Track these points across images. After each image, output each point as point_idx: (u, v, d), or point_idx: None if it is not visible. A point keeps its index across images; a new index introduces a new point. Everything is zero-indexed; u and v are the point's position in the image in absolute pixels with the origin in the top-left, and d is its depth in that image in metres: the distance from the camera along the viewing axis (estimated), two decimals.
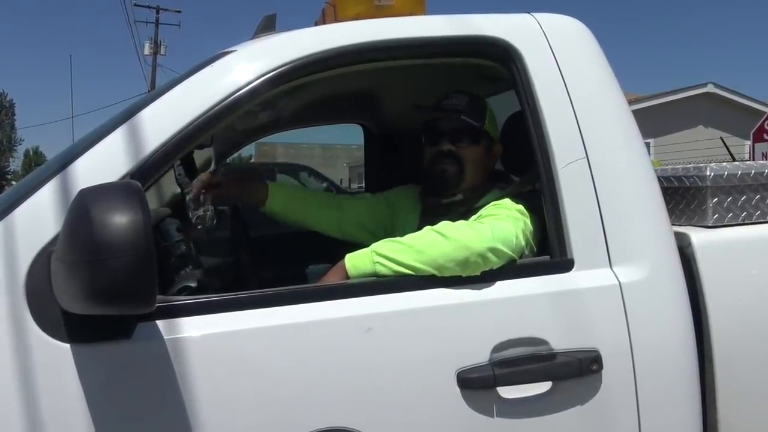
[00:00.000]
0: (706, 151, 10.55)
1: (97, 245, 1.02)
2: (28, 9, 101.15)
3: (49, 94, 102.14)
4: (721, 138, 5.17)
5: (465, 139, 1.74)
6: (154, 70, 25.77)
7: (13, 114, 42.38)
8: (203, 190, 1.68)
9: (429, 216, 1.71)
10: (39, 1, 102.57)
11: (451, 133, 1.74)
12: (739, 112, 15.93)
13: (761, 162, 1.70)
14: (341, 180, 17.77)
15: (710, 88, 16.71)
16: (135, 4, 25.08)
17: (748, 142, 10.18)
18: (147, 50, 26.07)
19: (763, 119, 9.80)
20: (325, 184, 12.19)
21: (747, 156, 10.34)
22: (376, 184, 2.72)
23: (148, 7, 26.33)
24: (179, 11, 27.80)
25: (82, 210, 1.05)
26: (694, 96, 16.58)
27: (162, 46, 26.55)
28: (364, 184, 3.06)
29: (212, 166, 2.57)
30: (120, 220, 1.03)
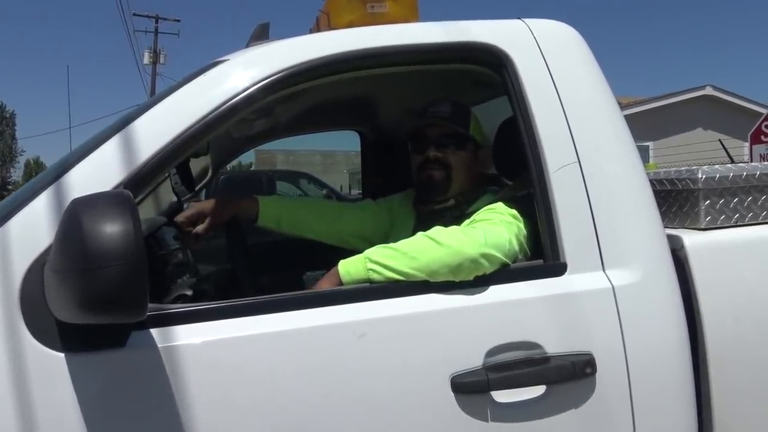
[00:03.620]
0: (704, 154, 10.55)
1: (88, 254, 1.03)
2: (28, 20, 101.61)
3: (50, 105, 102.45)
4: (719, 140, 5.16)
5: (451, 145, 1.77)
6: (154, 79, 25.84)
7: (14, 125, 42.54)
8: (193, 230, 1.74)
9: (423, 222, 1.72)
10: (39, 12, 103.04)
11: (436, 139, 1.77)
12: (738, 114, 15.92)
13: (753, 164, 1.70)
14: (341, 186, 17.79)
15: (709, 91, 16.71)
16: (134, 14, 25.17)
17: (747, 144, 10.17)
18: (146, 59, 26.11)
19: (760, 121, 9.81)
20: (324, 191, 12.21)
21: (746, 158, 10.34)
22: (373, 190, 2.73)
23: (147, 16, 26.41)
24: (178, 20, 27.97)
25: (74, 220, 1.06)
26: (693, 98, 16.57)
27: (161, 55, 26.59)
28: (361, 190, 3.07)
29: (209, 174, 2.59)
30: (111, 229, 1.03)
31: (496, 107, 1.91)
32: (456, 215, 1.66)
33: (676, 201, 1.68)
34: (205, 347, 1.23)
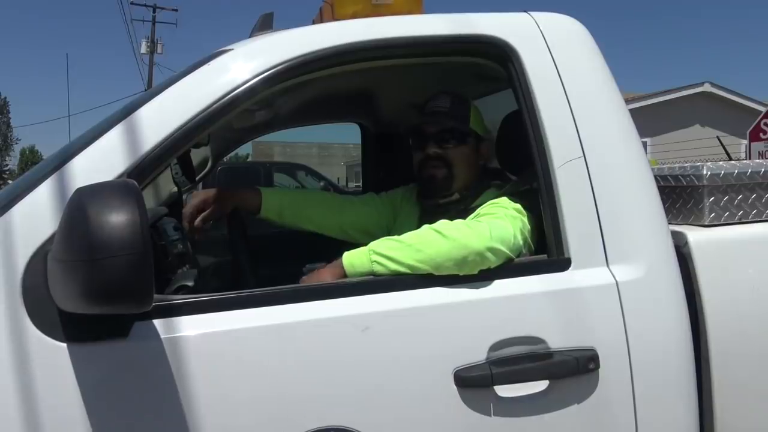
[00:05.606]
0: (702, 150, 10.56)
1: (93, 244, 1.02)
2: (24, 7, 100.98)
3: (45, 93, 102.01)
4: (717, 137, 5.17)
5: (451, 141, 1.75)
6: (151, 69, 25.71)
7: (8, 112, 42.34)
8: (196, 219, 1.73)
9: (428, 215, 1.71)
10: None
11: (436, 135, 1.75)
12: (736, 111, 15.93)
13: (757, 161, 1.70)
14: (338, 179, 17.77)
15: (707, 87, 16.71)
16: (132, 3, 24.98)
17: (745, 141, 10.19)
18: (144, 49, 25.97)
19: (759, 118, 9.82)
20: (322, 183, 12.19)
21: (743, 155, 10.35)
22: (374, 183, 2.72)
23: (145, 5, 26.23)
24: (176, 10, 27.70)
25: (79, 209, 1.05)
26: (691, 95, 16.57)
27: (159, 45, 26.45)
28: (361, 183, 3.06)
29: (209, 165, 2.57)
30: (117, 219, 1.02)
31: (497, 101, 1.91)
32: (461, 209, 1.66)
33: (680, 197, 1.68)
34: (208, 338, 1.23)
